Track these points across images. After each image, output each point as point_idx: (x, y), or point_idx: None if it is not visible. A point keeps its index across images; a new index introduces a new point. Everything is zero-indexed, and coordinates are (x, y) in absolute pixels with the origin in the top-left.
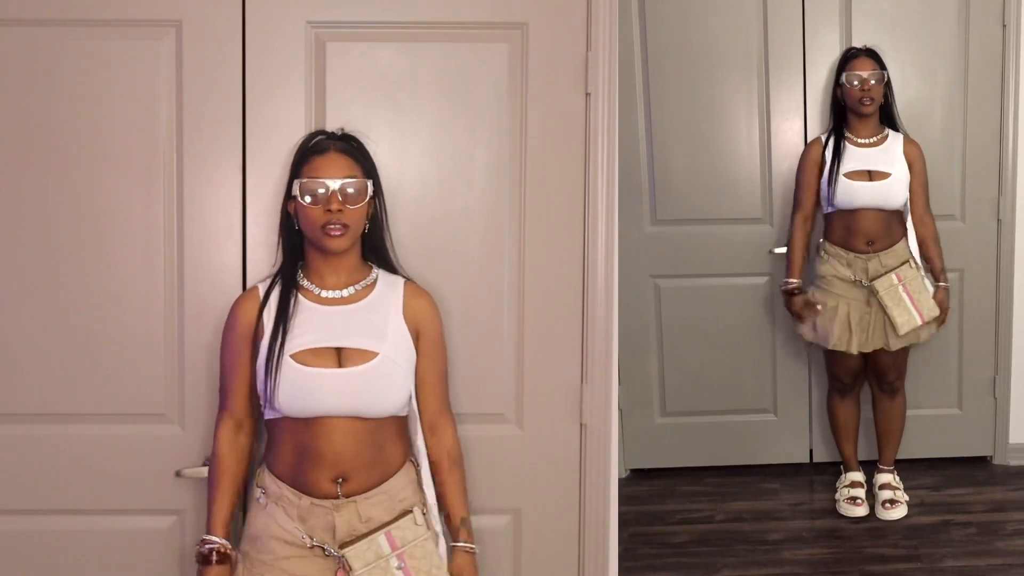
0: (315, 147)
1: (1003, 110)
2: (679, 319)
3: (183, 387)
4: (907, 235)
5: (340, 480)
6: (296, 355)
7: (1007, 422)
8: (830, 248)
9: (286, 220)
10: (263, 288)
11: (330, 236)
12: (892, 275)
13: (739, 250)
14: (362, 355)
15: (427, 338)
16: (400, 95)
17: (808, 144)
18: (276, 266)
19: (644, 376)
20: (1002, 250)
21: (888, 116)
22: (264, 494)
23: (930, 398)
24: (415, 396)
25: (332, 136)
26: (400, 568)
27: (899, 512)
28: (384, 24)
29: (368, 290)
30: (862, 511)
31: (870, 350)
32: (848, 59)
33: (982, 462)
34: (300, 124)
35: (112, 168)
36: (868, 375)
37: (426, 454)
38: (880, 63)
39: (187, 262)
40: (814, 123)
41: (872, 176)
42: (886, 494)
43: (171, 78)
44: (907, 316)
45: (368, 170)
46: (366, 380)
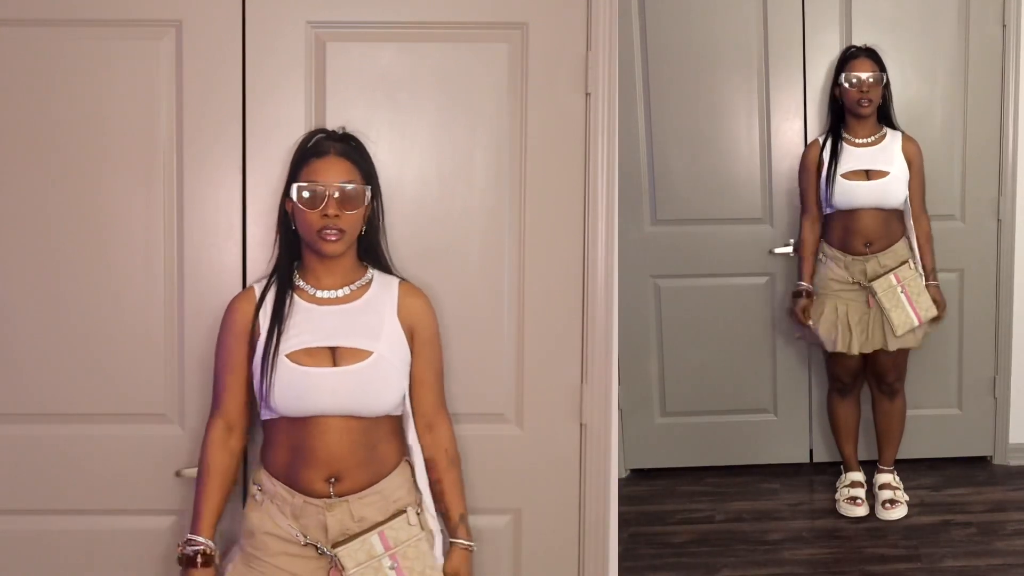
0: (314, 149)
1: (1003, 110)
2: (679, 319)
3: (183, 387)
4: (907, 234)
5: (333, 480)
6: (291, 355)
7: (1007, 422)
8: (828, 250)
9: (283, 219)
10: (259, 288)
11: (326, 241)
12: (891, 276)
13: (739, 250)
14: (357, 354)
15: (422, 337)
16: (400, 95)
17: (807, 147)
18: (272, 264)
19: (644, 376)
20: (1002, 250)
21: (886, 116)
22: (260, 491)
23: (930, 398)
24: (411, 395)
25: (332, 136)
26: (393, 568)
27: (899, 512)
28: (384, 24)
29: (363, 290)
30: (862, 511)
31: (870, 351)
32: (847, 59)
33: (982, 462)
34: (300, 124)
35: (112, 168)
36: (868, 376)
37: (420, 452)
38: (879, 63)
39: (187, 262)
40: (814, 123)
41: (870, 175)
42: (886, 494)
43: (171, 78)
44: (905, 317)
45: (367, 174)
46: (360, 379)
